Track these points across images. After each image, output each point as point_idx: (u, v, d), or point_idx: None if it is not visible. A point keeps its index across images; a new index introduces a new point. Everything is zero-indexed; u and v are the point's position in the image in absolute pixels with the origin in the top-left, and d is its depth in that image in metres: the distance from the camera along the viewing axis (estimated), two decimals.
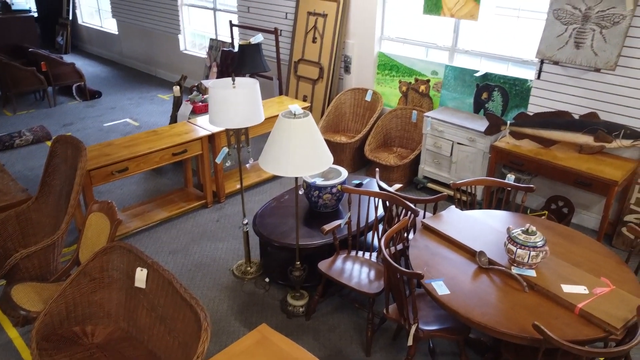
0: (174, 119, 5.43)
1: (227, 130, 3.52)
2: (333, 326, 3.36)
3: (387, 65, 5.47)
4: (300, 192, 3.85)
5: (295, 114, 2.84)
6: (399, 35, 5.42)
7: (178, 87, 5.29)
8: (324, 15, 5.71)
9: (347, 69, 5.81)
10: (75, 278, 2.68)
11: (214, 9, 7.50)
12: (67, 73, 7.57)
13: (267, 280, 3.78)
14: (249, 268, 3.86)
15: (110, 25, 10.01)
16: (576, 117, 4.07)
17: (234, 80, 3.32)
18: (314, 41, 5.88)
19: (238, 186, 4.95)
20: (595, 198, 4.35)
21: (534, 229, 2.62)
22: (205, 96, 5.23)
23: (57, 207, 3.51)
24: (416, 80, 5.27)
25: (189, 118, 4.99)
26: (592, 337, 2.29)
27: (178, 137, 4.39)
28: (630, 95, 3.93)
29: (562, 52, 4.02)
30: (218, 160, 3.72)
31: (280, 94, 6.19)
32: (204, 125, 4.63)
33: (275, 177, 5.28)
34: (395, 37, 5.44)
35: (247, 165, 5.42)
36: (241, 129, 3.44)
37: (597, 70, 3.98)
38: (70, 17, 10.36)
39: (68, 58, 9.81)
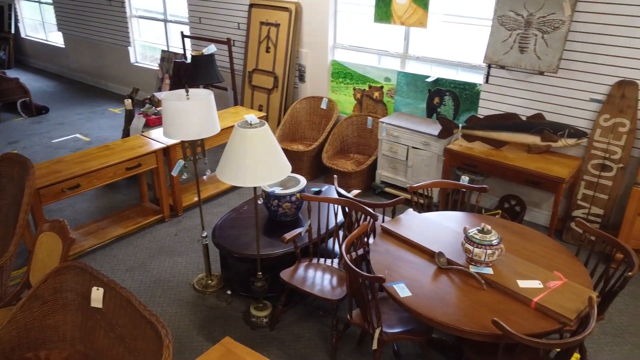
0: (126, 133, 5.30)
1: (182, 142, 3.47)
2: (298, 335, 3.35)
3: (341, 73, 5.53)
4: (259, 202, 3.83)
5: (251, 124, 2.83)
6: (352, 44, 5.49)
7: (130, 100, 5.17)
8: (277, 25, 5.73)
9: (301, 78, 5.84)
10: (26, 302, 2.56)
11: (165, 20, 7.39)
12: (11, 88, 7.28)
13: (229, 292, 3.73)
14: (210, 281, 3.79)
15: (56, 39, 9.70)
16: (523, 118, 4.23)
17: (187, 91, 3.27)
18: (267, 51, 5.89)
19: (196, 199, 4.87)
20: (545, 195, 4.53)
21: (489, 227, 2.70)
22: (158, 108, 5.13)
23: (4, 229, 3.35)
24: (370, 87, 5.35)
25: (143, 131, 4.88)
26: (549, 330, 2.37)
27: (131, 151, 4.28)
28: (572, 96, 4.12)
29: (507, 57, 4.17)
30: (174, 173, 3.65)
31: (236, 104, 6.15)
32: (158, 138, 4.54)
33: (233, 188, 5.23)
34: (348, 45, 5.51)
35: (205, 177, 5.35)
36: (197, 141, 3.39)
37: (541, 73, 4.15)
38: (13, 31, 9.98)
39: (11, 73, 9.42)
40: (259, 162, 2.76)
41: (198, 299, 3.68)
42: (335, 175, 3.66)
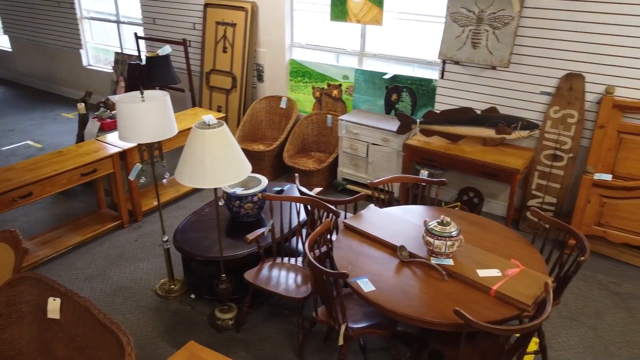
0: (80, 138, 5.14)
1: (139, 146, 3.39)
2: (264, 336, 3.33)
3: (300, 72, 5.53)
4: (220, 204, 3.79)
5: (209, 124, 2.79)
6: (309, 42, 5.50)
7: (83, 104, 5.03)
8: (233, 25, 5.68)
9: (260, 78, 5.81)
10: None
11: (117, 22, 7.21)
12: None
13: (192, 296, 3.67)
14: (172, 286, 3.73)
15: (1, 42, 9.31)
16: (478, 112, 4.34)
17: (142, 93, 3.21)
18: (224, 51, 5.83)
19: (156, 203, 4.77)
20: (502, 186, 4.66)
21: (448, 219, 2.76)
22: (113, 112, 5.00)
23: None
24: (328, 85, 5.37)
25: (97, 135, 4.75)
26: (508, 316, 2.44)
27: (86, 156, 4.16)
28: (523, 89, 4.26)
29: (461, 52, 4.27)
30: (131, 177, 3.57)
31: (194, 105, 6.06)
32: (114, 142, 4.43)
33: (194, 191, 5.15)
34: (306, 44, 5.51)
35: (164, 180, 5.25)
36: (154, 144, 3.33)
37: (494, 67, 4.27)
38: None
39: None
40: (218, 163, 2.73)
41: (161, 305, 3.61)
42: (296, 174, 3.66)
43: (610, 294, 3.71)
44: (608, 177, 3.84)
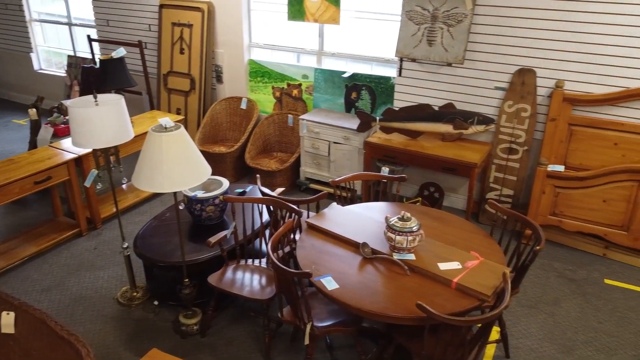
0: (33, 145, 4.97)
1: (94, 151, 3.30)
2: (230, 339, 3.30)
3: (259, 72, 5.50)
4: (181, 207, 3.73)
5: (166, 127, 2.75)
6: (268, 42, 5.48)
7: (34, 109, 4.86)
8: (190, 26, 5.60)
9: (219, 79, 5.75)
10: None
11: (69, 24, 7.00)
12: None
13: (155, 303, 3.60)
14: (135, 293, 3.65)
15: None
16: (436, 108, 4.42)
17: (95, 97, 3.12)
18: (181, 52, 5.74)
19: (115, 209, 4.65)
20: (461, 181, 4.76)
21: (408, 215, 2.80)
22: (67, 117, 4.85)
23: None
24: (288, 85, 5.37)
25: (51, 142, 4.60)
26: (469, 307, 2.49)
27: (40, 163, 4.02)
28: (478, 85, 4.36)
29: (417, 50, 4.33)
30: (87, 183, 3.48)
31: (152, 108, 5.95)
32: (69, 149, 4.29)
33: (155, 195, 5.06)
34: (264, 44, 5.49)
35: (123, 185, 5.13)
36: (109, 149, 3.24)
37: (449, 64, 4.35)
38: None
39: None
40: (176, 166, 2.69)
41: (123, 313, 3.53)
42: (257, 175, 3.64)
43: (567, 281, 3.84)
44: (561, 168, 3.98)
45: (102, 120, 2.99)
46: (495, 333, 3.34)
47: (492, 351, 3.20)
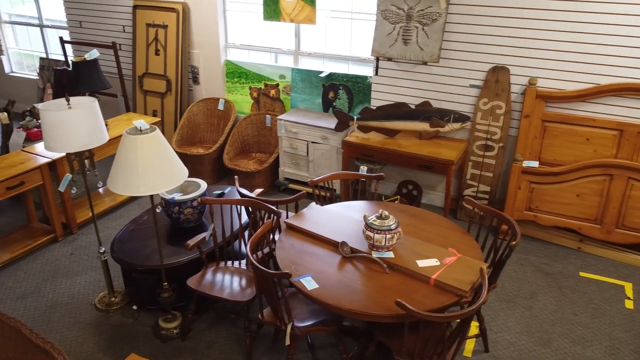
0: (5, 149, 4.86)
1: (68, 155, 3.25)
2: (211, 342, 3.28)
3: (236, 73, 5.48)
4: (158, 210, 3.70)
5: (141, 130, 2.72)
6: (244, 43, 5.45)
7: (5, 113, 4.75)
8: (165, 27, 5.54)
9: (195, 80, 5.70)
10: None
11: (41, 26, 6.86)
12: None
13: (134, 307, 3.56)
14: (113, 299, 3.60)
15: None
16: (413, 107, 4.45)
17: (68, 100, 3.07)
18: (157, 53, 5.68)
19: (91, 214, 4.58)
20: (439, 178, 4.81)
21: (386, 213, 2.81)
22: (40, 121, 4.76)
23: None
24: (266, 85, 5.35)
25: (24, 146, 4.51)
26: (448, 303, 2.52)
27: (12, 168, 3.94)
28: (454, 83, 4.41)
29: (393, 49, 4.36)
30: (61, 188, 3.42)
31: (128, 110, 5.87)
32: (42, 153, 4.21)
33: (132, 199, 4.99)
34: (240, 44, 5.46)
35: (100, 189, 5.06)
36: (84, 152, 3.19)
37: (425, 63, 4.39)
38: None
39: None
40: (152, 169, 2.66)
41: (101, 319, 3.48)
42: (235, 176, 3.62)
43: (543, 275, 3.91)
44: (535, 164, 4.05)
45: (75, 124, 2.94)
46: (474, 328, 3.38)
47: (471, 346, 3.25)
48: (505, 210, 4.20)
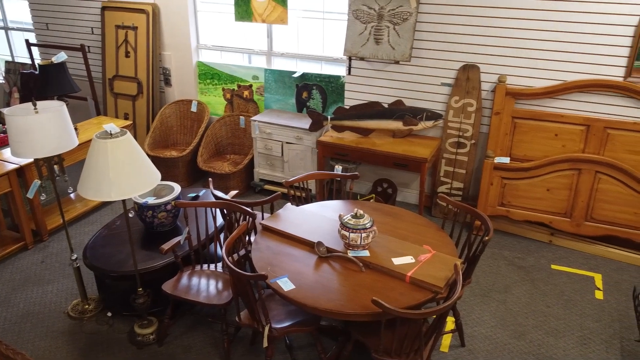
0: None
1: (36, 161, 3.18)
2: (189, 346, 3.25)
3: (208, 74, 5.43)
4: (131, 215, 3.64)
5: (111, 134, 2.67)
6: (216, 44, 5.41)
7: None
8: (134, 28, 5.46)
9: (167, 82, 5.63)
10: None
11: (5, 28, 6.69)
12: None
13: (109, 314, 3.50)
14: (86, 306, 3.53)
15: None
16: (386, 106, 4.48)
17: (35, 104, 3.00)
18: (127, 55, 5.59)
19: (61, 220, 4.49)
20: (413, 176, 4.85)
21: (361, 212, 2.83)
22: (6, 126, 4.63)
23: None
24: (239, 86, 5.32)
25: None
26: (423, 300, 2.55)
27: None
28: (425, 82, 4.45)
29: (365, 49, 4.38)
30: (29, 194, 3.34)
31: (98, 114, 5.77)
32: (9, 159, 4.11)
33: (105, 204, 4.91)
34: (212, 45, 5.42)
35: (71, 195, 4.96)
36: (52, 158, 3.13)
37: (397, 62, 4.43)
38: None
39: None
40: (123, 173, 2.62)
41: (75, 327, 3.41)
42: (210, 179, 3.59)
43: (516, 269, 3.99)
44: (506, 160, 4.12)
45: (42, 129, 2.88)
46: (450, 323, 3.43)
47: (448, 341, 3.29)
48: (478, 206, 4.26)
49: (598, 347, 3.23)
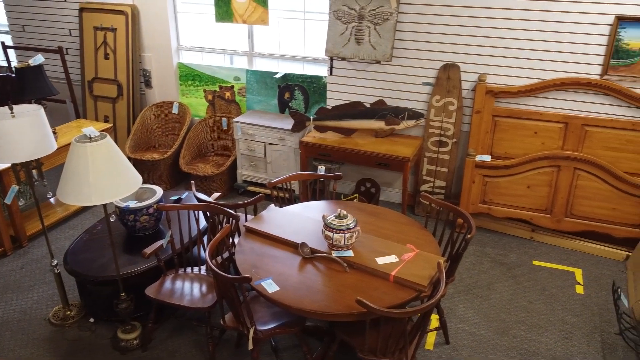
0: None
1: (13, 166, 3.12)
2: (173, 350, 3.23)
3: (190, 76, 5.39)
4: (112, 219, 3.60)
5: (90, 137, 2.64)
6: (196, 45, 5.38)
7: None
8: (113, 30, 5.39)
9: (147, 84, 5.58)
10: None
11: None
12: None
13: (91, 320, 3.46)
14: (68, 312, 3.48)
15: None
16: (368, 105, 4.50)
17: (11, 108, 2.95)
18: (106, 57, 5.52)
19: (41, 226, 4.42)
20: (396, 175, 4.88)
21: (344, 212, 2.83)
22: None
23: None
24: (220, 87, 5.29)
25: None
26: (407, 299, 2.56)
27: None
28: (407, 81, 4.48)
29: (346, 49, 4.39)
30: (7, 200, 3.28)
31: (78, 117, 5.68)
32: None
33: (85, 208, 4.84)
34: (193, 46, 5.38)
35: (51, 199, 4.88)
36: (30, 162, 3.08)
37: (378, 62, 4.44)
38: None
39: None
40: (103, 177, 2.59)
41: (57, 334, 3.36)
42: (192, 181, 3.57)
43: (499, 265, 4.03)
44: (487, 158, 4.17)
45: (19, 133, 2.83)
46: (434, 321, 3.45)
47: (432, 339, 3.31)
48: (460, 204, 4.30)
49: (579, 341, 3.28)
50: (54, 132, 4.31)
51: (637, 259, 3.83)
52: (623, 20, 3.71)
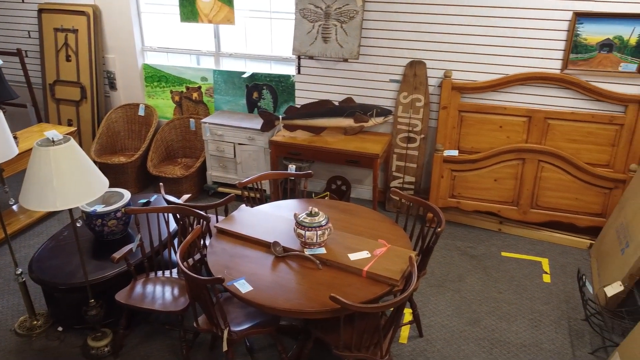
0: None
1: None
2: (146, 356, 3.17)
3: (155, 77, 5.31)
4: (79, 224, 3.52)
5: (53, 141, 2.57)
6: (162, 45, 5.30)
7: None
8: (75, 31, 5.26)
9: (112, 86, 5.47)
10: None
11: None
12: None
13: (60, 329, 3.37)
14: (35, 322, 3.39)
15: None
16: (336, 103, 4.52)
17: None
18: (68, 59, 5.39)
19: (3, 234, 4.28)
20: (366, 172, 4.91)
21: (316, 210, 2.84)
22: None
23: None
24: (187, 88, 5.23)
25: None
26: (380, 294, 2.59)
27: None
28: (374, 79, 4.52)
29: (314, 47, 4.40)
30: None
31: (40, 121, 5.52)
32: None
33: (51, 214, 4.71)
34: (158, 47, 5.30)
35: (14, 206, 4.73)
36: None
37: (345, 60, 4.47)
38: None
39: None
40: (68, 181, 2.53)
41: (23, 345, 3.27)
42: (160, 183, 3.52)
43: (469, 258, 4.11)
44: (455, 152, 4.24)
45: None
46: (408, 315, 3.49)
47: (406, 332, 3.35)
48: (430, 199, 4.37)
49: (548, 329, 3.37)
50: (15, 137, 4.18)
51: (600, 247, 3.96)
52: (580, 16, 3.83)
